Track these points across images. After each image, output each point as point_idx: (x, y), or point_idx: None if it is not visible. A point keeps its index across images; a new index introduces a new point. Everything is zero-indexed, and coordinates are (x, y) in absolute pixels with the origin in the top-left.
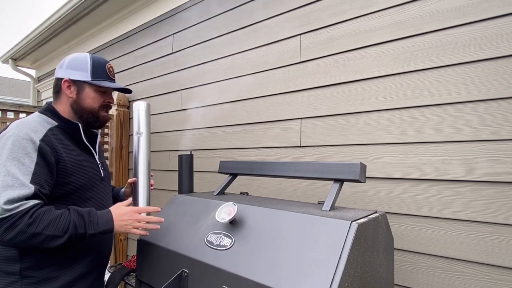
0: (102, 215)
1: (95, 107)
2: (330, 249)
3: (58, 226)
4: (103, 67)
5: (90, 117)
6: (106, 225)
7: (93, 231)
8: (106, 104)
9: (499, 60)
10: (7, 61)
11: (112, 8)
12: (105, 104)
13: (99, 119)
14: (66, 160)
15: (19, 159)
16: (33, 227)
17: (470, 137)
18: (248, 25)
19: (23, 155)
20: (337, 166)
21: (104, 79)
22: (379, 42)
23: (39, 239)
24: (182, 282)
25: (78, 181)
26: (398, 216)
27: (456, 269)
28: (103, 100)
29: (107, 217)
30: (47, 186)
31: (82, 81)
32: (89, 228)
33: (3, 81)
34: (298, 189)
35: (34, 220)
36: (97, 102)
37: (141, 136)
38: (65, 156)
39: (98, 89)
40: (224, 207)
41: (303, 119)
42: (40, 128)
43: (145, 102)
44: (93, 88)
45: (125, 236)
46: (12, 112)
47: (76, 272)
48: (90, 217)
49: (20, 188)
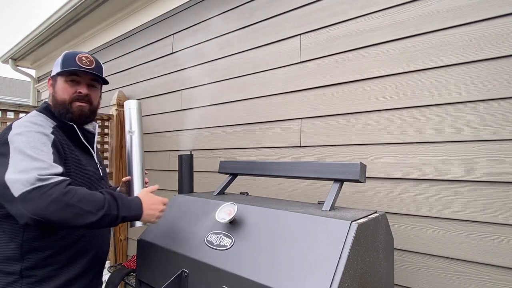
0: (133, 200)
1: (65, 98)
2: (330, 249)
3: (93, 202)
4: (73, 58)
5: (62, 109)
6: (136, 211)
7: (126, 213)
8: (77, 95)
9: (499, 60)
10: (7, 61)
11: (112, 8)
12: (76, 95)
13: (70, 110)
14: (69, 159)
15: (38, 147)
16: (68, 197)
17: (470, 137)
18: (248, 25)
19: (41, 144)
20: (337, 166)
21: (72, 67)
22: (379, 42)
23: (73, 211)
24: (182, 282)
25: (79, 180)
26: (398, 216)
27: (456, 269)
28: (74, 91)
29: (137, 203)
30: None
31: (55, 75)
32: (122, 211)
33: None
34: (298, 189)
35: (69, 191)
36: (67, 93)
37: (133, 135)
38: (68, 155)
39: (68, 80)
40: (224, 207)
41: (303, 119)
42: (46, 125)
43: (136, 100)
44: (63, 79)
45: (125, 236)
46: (12, 112)
47: (75, 271)
48: (123, 200)
49: (49, 168)
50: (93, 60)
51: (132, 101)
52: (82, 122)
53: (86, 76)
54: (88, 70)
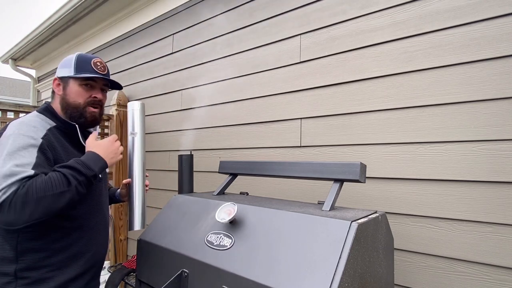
0: (90, 156)
1: (79, 102)
2: (330, 249)
3: (57, 183)
4: (88, 62)
5: (75, 112)
6: (99, 163)
7: (92, 172)
8: (92, 100)
9: (499, 60)
10: (7, 61)
11: (112, 8)
12: (91, 99)
13: (84, 115)
14: (64, 160)
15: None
16: (30, 195)
17: (470, 137)
18: (248, 25)
19: (24, 150)
20: (337, 166)
21: (88, 72)
22: (379, 42)
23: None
24: (182, 282)
25: None
26: (398, 216)
27: (456, 269)
28: (89, 95)
29: (95, 157)
30: None
31: (67, 77)
32: (87, 172)
33: (3, 81)
34: (298, 189)
35: (27, 189)
36: (81, 97)
37: (135, 137)
38: (63, 156)
39: (82, 83)
40: (224, 207)
41: (303, 119)
42: (40, 127)
43: (140, 102)
44: (77, 83)
45: (125, 236)
46: (12, 112)
47: (70, 273)
48: (79, 163)
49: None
50: (105, 65)
51: (136, 102)
52: (91, 126)
53: (100, 81)
54: (104, 76)
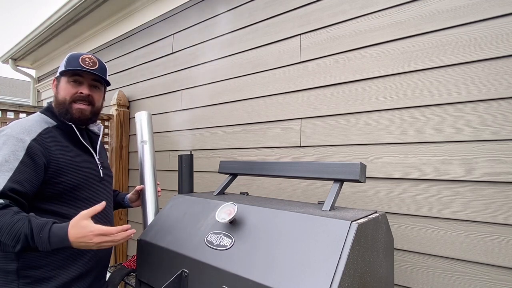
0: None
1: (65, 98)
2: (330, 249)
3: (11, 234)
4: (77, 58)
5: (62, 109)
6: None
7: (43, 248)
8: (78, 96)
9: (498, 60)
10: (7, 61)
11: (112, 8)
12: (77, 95)
13: (70, 111)
14: (60, 159)
15: (3, 156)
16: None
17: (470, 137)
18: (248, 25)
19: (10, 152)
20: (337, 166)
21: (74, 68)
22: (379, 42)
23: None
24: (182, 282)
25: (72, 181)
26: (398, 216)
27: (456, 269)
28: (75, 91)
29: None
30: (28, 184)
31: (59, 76)
32: (39, 244)
33: (3, 81)
34: (298, 189)
35: None
36: (68, 93)
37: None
38: (59, 156)
39: (70, 80)
40: (224, 207)
41: (303, 119)
42: (35, 128)
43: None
44: (65, 79)
45: None
46: (12, 112)
47: (72, 273)
48: (42, 233)
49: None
50: (96, 61)
51: (143, 112)
52: (81, 123)
53: (88, 77)
54: (90, 70)
